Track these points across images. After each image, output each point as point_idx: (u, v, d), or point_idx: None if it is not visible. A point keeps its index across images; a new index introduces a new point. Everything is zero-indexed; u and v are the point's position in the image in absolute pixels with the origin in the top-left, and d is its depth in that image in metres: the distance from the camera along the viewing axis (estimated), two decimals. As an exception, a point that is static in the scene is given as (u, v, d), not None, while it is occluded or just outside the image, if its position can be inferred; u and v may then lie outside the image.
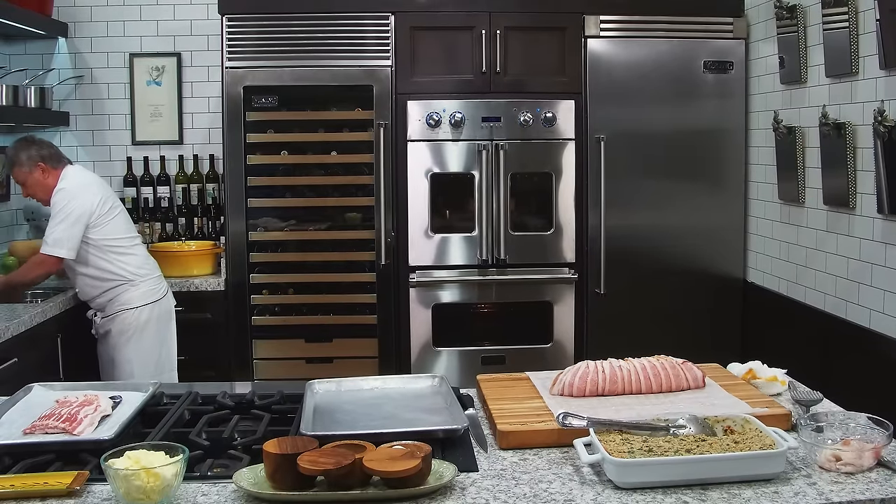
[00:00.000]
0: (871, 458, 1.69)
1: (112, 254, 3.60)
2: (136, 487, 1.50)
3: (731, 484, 1.62)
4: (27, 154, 3.59)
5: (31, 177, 3.59)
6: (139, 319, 3.62)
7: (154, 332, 3.67)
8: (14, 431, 1.89)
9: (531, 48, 4.02)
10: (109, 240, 3.59)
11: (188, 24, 4.57)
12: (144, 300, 3.64)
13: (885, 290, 3.07)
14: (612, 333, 4.06)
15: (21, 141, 3.66)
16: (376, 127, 3.94)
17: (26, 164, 3.59)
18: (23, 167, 3.59)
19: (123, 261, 3.62)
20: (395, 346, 4.05)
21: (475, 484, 1.65)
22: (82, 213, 3.52)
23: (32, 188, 3.63)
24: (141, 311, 3.63)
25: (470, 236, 4.03)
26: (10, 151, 3.65)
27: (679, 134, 4.07)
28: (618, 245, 4.05)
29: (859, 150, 3.17)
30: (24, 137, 3.71)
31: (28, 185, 3.62)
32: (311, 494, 1.57)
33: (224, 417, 2.03)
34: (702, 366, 2.23)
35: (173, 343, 3.76)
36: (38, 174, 3.59)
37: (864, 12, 3.10)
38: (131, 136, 4.61)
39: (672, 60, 4.05)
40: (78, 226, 3.50)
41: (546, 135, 4.01)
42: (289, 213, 4.15)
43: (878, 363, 3.06)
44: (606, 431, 1.76)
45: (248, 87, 3.95)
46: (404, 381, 2.24)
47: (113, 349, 3.64)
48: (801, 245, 3.67)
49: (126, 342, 3.61)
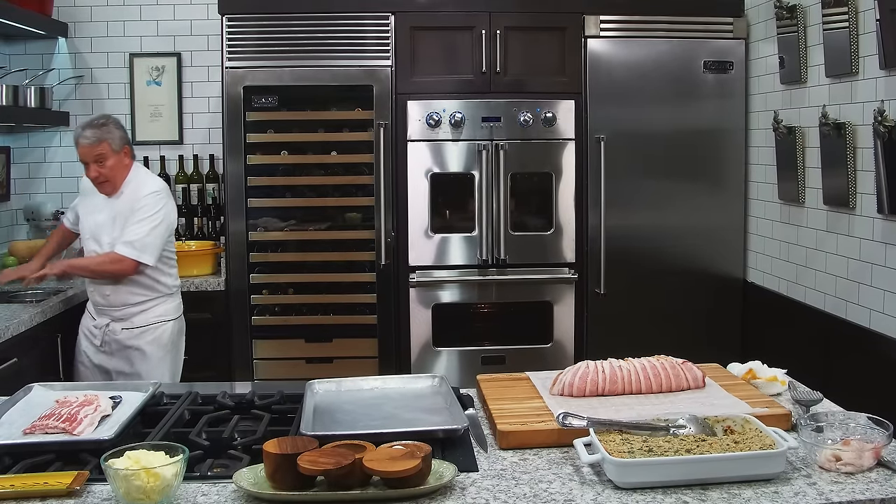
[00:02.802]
0: (871, 458, 1.69)
1: (165, 265, 3.44)
2: (136, 487, 1.50)
3: (731, 484, 1.62)
4: (121, 133, 3.35)
5: (116, 157, 3.31)
6: (174, 332, 3.49)
7: (181, 344, 3.58)
8: (14, 431, 1.89)
9: (531, 48, 4.02)
10: (168, 250, 3.46)
11: (188, 24, 4.57)
12: (178, 312, 3.54)
13: (885, 290, 3.07)
14: (612, 333, 4.06)
15: (110, 117, 3.40)
16: (376, 127, 3.94)
17: (118, 143, 3.33)
18: (114, 143, 3.31)
19: (171, 272, 3.49)
20: (395, 346, 4.05)
21: (475, 484, 1.65)
22: (172, 221, 3.41)
23: (113, 170, 3.31)
24: (175, 323, 3.51)
25: (470, 236, 4.03)
26: (102, 122, 3.32)
27: (679, 134, 4.07)
28: (618, 245, 4.05)
29: (859, 150, 3.17)
30: (109, 115, 3.44)
31: (109, 165, 3.29)
32: (311, 494, 1.57)
33: (224, 417, 2.03)
34: (702, 366, 2.23)
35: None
36: (124, 158, 3.35)
37: (864, 12, 3.10)
38: (131, 136, 4.60)
39: (672, 60, 4.05)
40: (166, 234, 3.37)
41: (546, 135, 4.01)
42: (289, 213, 4.15)
43: (878, 363, 3.06)
44: (606, 431, 1.76)
45: (248, 87, 3.95)
46: (404, 381, 2.24)
47: (140, 361, 3.41)
48: (801, 245, 3.67)
49: (163, 354, 3.45)
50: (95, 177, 3.32)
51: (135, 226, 3.29)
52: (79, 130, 3.32)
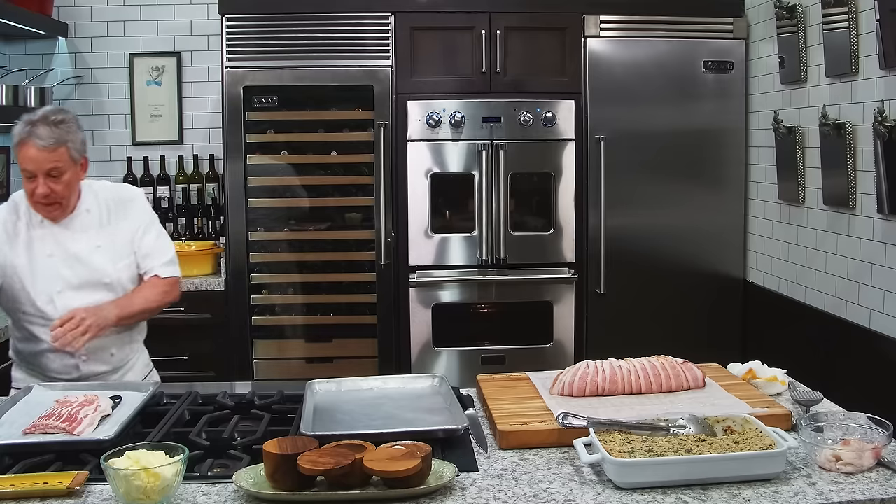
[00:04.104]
0: (871, 458, 1.69)
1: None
2: (136, 487, 1.50)
3: (731, 484, 1.62)
4: (82, 136, 2.50)
5: (74, 171, 2.46)
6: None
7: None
8: (14, 431, 1.89)
9: (531, 48, 4.02)
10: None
11: (188, 24, 4.57)
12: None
13: (885, 290, 3.07)
14: (612, 333, 4.05)
15: (69, 112, 2.51)
16: (376, 127, 3.94)
17: (79, 149, 2.47)
18: (75, 149, 2.45)
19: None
20: (395, 346, 4.05)
21: (475, 484, 1.65)
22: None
23: (69, 188, 2.46)
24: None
25: (470, 236, 4.03)
26: (60, 117, 2.43)
27: (679, 134, 4.07)
28: (618, 245, 4.05)
29: (859, 150, 3.17)
30: (66, 109, 2.55)
31: (65, 180, 2.43)
32: (311, 494, 1.57)
33: (224, 417, 2.03)
34: (702, 366, 2.23)
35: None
36: (80, 171, 2.51)
37: (864, 12, 3.10)
38: (131, 136, 4.60)
39: (672, 60, 4.05)
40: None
41: (546, 135, 4.01)
42: (289, 213, 4.14)
43: (878, 363, 3.06)
44: (606, 431, 1.76)
45: (248, 87, 3.95)
46: (404, 381, 2.24)
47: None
48: (801, 245, 3.67)
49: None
50: (44, 195, 2.41)
51: (159, 240, 2.65)
52: (25, 127, 2.39)
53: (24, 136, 2.40)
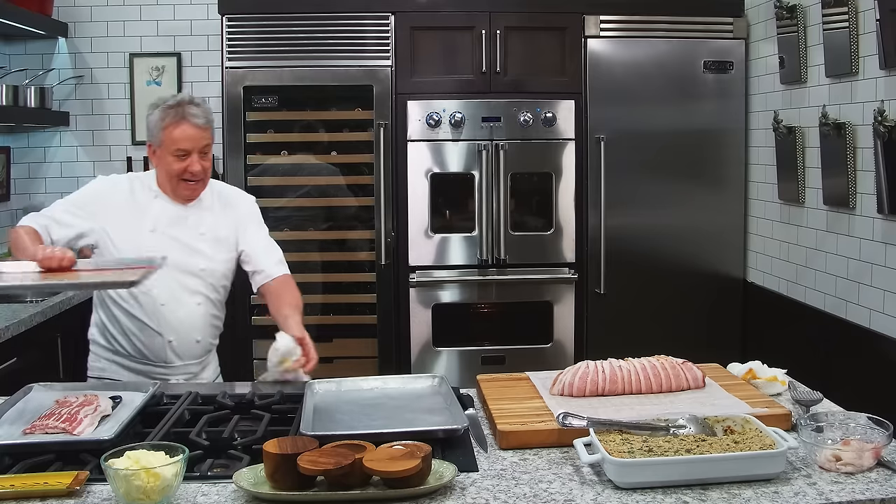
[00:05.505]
0: (871, 458, 1.69)
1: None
2: (136, 487, 1.50)
3: (731, 484, 1.62)
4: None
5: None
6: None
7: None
8: (14, 431, 1.89)
9: (531, 48, 4.02)
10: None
11: (188, 24, 4.57)
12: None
13: (885, 290, 3.07)
14: (612, 333, 4.05)
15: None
16: (376, 127, 3.94)
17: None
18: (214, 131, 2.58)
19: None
20: (395, 346, 4.05)
21: (475, 484, 1.65)
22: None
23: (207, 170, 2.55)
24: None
25: (470, 236, 4.03)
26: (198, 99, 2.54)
27: (679, 134, 4.07)
28: (618, 245, 4.05)
29: (859, 150, 3.17)
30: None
31: (210, 156, 2.56)
32: (311, 494, 1.57)
33: (224, 417, 2.03)
34: (702, 366, 2.23)
35: None
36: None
37: (864, 12, 3.10)
38: (131, 136, 4.60)
39: (672, 60, 4.05)
40: None
41: (546, 135, 4.01)
42: (289, 213, 4.14)
43: (878, 363, 3.06)
44: (606, 431, 1.76)
45: (248, 87, 3.95)
46: (404, 381, 2.24)
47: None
48: (801, 245, 3.67)
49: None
50: (201, 172, 2.51)
51: (268, 240, 2.72)
52: (173, 108, 2.45)
53: (179, 117, 2.44)
